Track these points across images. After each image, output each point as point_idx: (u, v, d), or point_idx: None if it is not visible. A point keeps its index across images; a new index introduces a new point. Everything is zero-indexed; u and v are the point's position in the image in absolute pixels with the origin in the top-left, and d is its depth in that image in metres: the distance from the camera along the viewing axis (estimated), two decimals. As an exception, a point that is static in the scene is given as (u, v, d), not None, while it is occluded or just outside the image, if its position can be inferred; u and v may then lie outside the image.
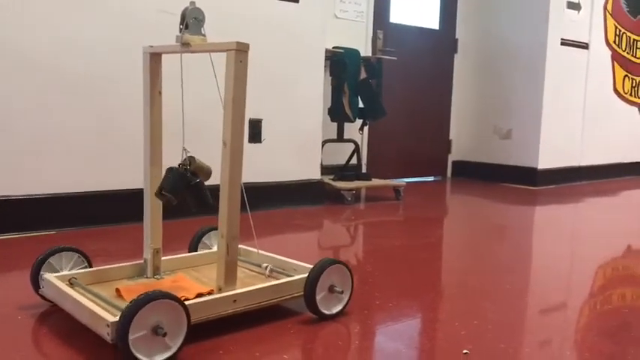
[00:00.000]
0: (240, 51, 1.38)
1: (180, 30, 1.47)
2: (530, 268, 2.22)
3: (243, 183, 1.55)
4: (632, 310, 1.71)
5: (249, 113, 3.09)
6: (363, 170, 4.21)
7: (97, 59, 2.59)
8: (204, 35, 1.49)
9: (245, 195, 1.50)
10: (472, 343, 1.41)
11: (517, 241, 2.72)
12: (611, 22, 5.12)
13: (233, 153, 1.41)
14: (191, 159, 1.50)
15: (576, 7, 4.75)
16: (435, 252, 2.46)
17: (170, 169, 1.48)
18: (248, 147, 3.10)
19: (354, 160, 3.91)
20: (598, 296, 1.85)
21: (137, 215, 2.65)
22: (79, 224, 2.58)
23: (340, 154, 4.00)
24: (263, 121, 3.17)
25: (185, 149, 1.52)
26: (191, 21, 1.47)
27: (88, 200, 2.61)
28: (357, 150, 3.90)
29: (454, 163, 5.19)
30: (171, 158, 1.61)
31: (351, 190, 3.56)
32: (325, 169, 3.69)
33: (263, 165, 3.20)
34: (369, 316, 1.58)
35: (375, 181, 3.81)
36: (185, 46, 1.47)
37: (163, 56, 1.61)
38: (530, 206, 3.77)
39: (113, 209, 2.67)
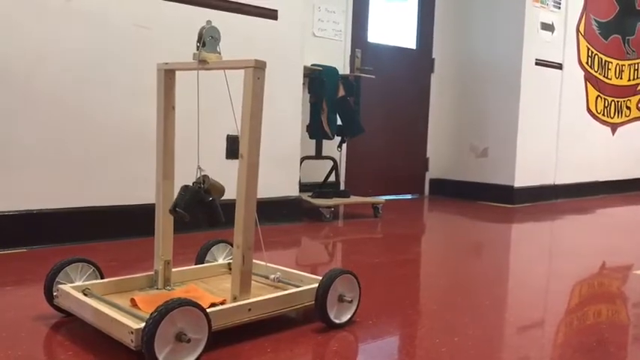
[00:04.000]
0: (258, 68, 1.47)
1: (197, 48, 1.54)
2: (508, 285, 2.24)
3: (224, 200, 1.54)
4: (609, 326, 1.73)
5: (227, 129, 3.08)
6: (342, 187, 4.21)
7: (69, 71, 2.56)
8: (219, 53, 1.57)
9: (256, 213, 1.55)
10: (452, 360, 1.40)
11: (495, 258, 2.74)
12: (583, 43, 5.26)
13: (250, 166, 1.50)
14: (205, 177, 1.56)
15: (550, 28, 4.87)
16: (414, 269, 2.46)
17: (186, 187, 1.55)
18: (226, 163, 3.09)
19: (332, 178, 3.91)
20: (576, 312, 1.87)
21: (106, 234, 2.64)
22: (48, 242, 2.52)
23: (318, 172, 4.01)
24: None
25: (200, 168, 1.58)
26: (208, 39, 1.55)
27: (56, 217, 2.56)
28: (335, 167, 3.92)
29: (431, 181, 5.24)
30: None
31: (329, 207, 3.56)
32: (304, 187, 3.70)
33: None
34: (349, 333, 1.57)
35: (354, 199, 3.82)
36: (202, 64, 1.55)
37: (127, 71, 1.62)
38: (508, 224, 3.81)
39: (81, 228, 2.64)
